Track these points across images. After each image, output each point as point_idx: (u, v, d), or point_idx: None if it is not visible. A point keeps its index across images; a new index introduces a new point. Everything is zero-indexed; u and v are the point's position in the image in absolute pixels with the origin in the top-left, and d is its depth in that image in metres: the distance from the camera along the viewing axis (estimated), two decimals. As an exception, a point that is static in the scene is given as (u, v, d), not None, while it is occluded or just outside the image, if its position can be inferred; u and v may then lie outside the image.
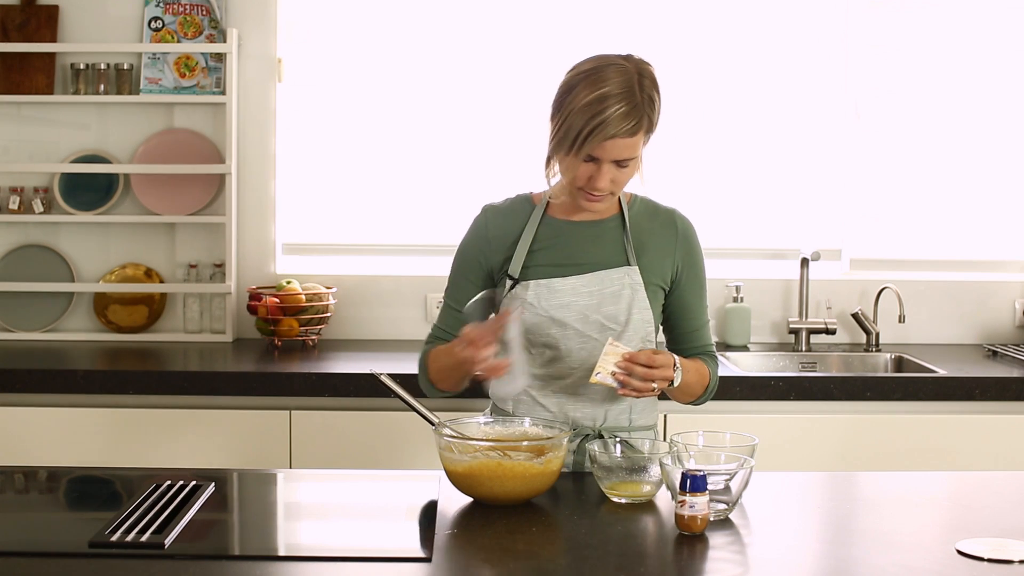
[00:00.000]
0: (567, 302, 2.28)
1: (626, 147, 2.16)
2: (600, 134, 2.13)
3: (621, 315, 2.29)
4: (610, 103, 2.13)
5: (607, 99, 2.13)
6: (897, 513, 2.04)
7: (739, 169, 3.86)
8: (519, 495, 2.01)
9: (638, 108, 2.15)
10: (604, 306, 2.28)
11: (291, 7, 3.80)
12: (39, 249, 3.79)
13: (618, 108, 2.13)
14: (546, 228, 2.33)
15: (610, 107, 2.12)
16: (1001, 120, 3.86)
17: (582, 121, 2.13)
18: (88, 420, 3.16)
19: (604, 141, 2.14)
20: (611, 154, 2.16)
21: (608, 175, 2.19)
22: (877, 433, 3.18)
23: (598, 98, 2.13)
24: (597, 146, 2.15)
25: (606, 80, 2.15)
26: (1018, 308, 3.84)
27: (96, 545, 1.78)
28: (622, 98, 2.14)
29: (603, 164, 2.18)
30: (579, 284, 2.29)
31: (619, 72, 2.16)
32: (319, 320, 3.65)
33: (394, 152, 3.84)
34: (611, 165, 2.18)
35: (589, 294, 2.28)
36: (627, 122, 2.13)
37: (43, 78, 3.73)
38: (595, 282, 2.29)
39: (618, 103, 2.13)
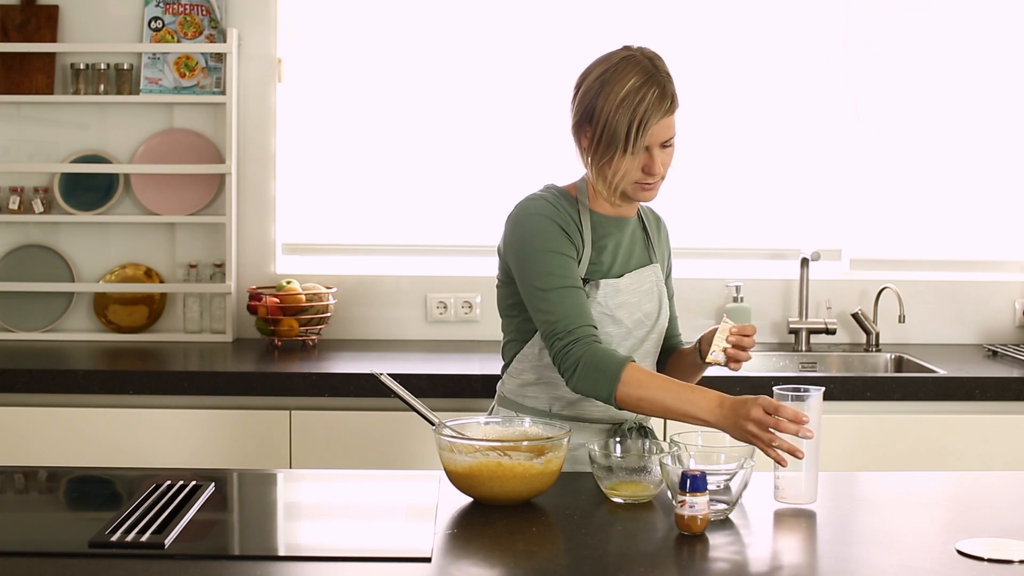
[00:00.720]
0: (624, 301, 2.32)
1: (670, 126, 2.24)
2: (649, 122, 2.19)
3: (654, 313, 2.37)
4: (644, 91, 2.19)
5: (639, 89, 2.19)
6: (897, 513, 2.04)
7: (739, 169, 3.86)
8: (519, 495, 2.01)
9: (666, 86, 2.22)
10: (643, 304, 2.35)
11: (291, 7, 3.80)
12: (39, 249, 3.79)
13: (652, 92, 2.19)
14: (595, 226, 2.34)
15: (646, 95, 2.19)
16: (1001, 120, 3.86)
17: (627, 118, 2.19)
18: (88, 420, 3.16)
19: (650, 126, 2.20)
20: (659, 137, 2.23)
21: (660, 159, 2.25)
22: (877, 433, 3.18)
23: (630, 91, 2.19)
24: (646, 134, 2.20)
25: (627, 73, 2.21)
26: (1018, 308, 3.84)
27: (96, 545, 1.78)
28: (651, 82, 2.20)
29: (653, 150, 2.23)
30: (631, 284, 2.34)
31: (633, 63, 2.23)
32: (319, 320, 3.65)
33: (394, 152, 3.84)
34: (659, 149, 2.24)
35: (633, 292, 2.34)
36: (665, 102, 2.21)
37: (43, 78, 3.73)
38: (638, 281, 2.36)
39: (650, 88, 2.20)
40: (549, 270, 2.21)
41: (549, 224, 2.25)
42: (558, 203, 2.29)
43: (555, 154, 3.65)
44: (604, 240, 2.32)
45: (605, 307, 2.29)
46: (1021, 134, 3.87)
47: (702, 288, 3.79)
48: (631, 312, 2.33)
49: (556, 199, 2.30)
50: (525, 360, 2.35)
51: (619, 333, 2.31)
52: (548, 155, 3.69)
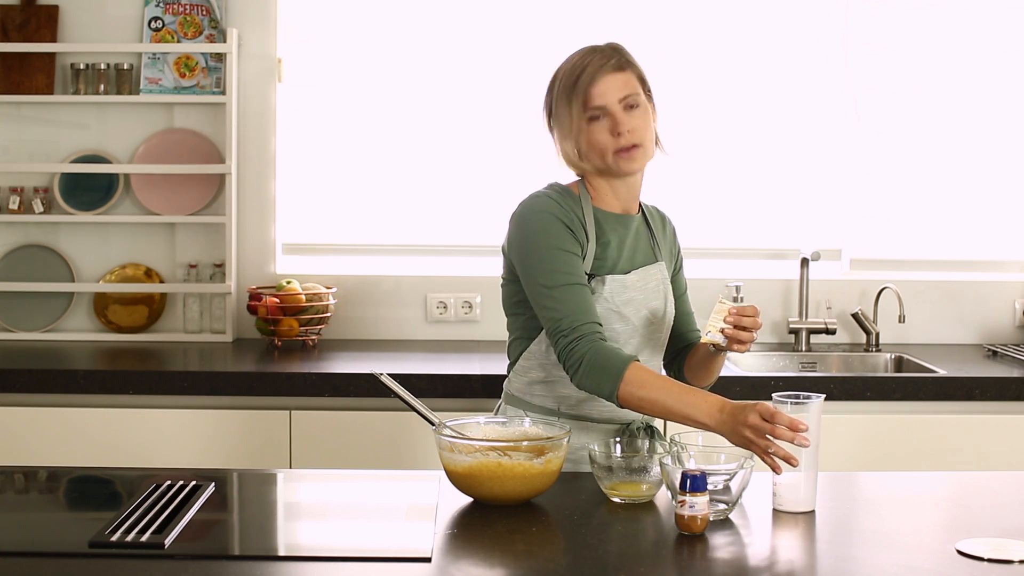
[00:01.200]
0: (631, 297, 2.32)
1: (623, 82, 2.26)
2: (588, 75, 2.24)
3: (661, 310, 2.37)
4: (587, 56, 2.27)
5: (586, 55, 2.28)
6: (897, 513, 2.04)
7: (739, 169, 3.86)
8: (519, 495, 2.01)
9: (618, 53, 2.28)
10: (650, 301, 2.35)
11: (291, 7, 3.80)
12: (39, 249, 3.79)
13: (595, 56, 2.27)
14: (600, 223, 2.34)
15: (588, 57, 2.27)
16: (1001, 120, 3.86)
17: (569, 81, 2.26)
18: (88, 420, 3.16)
19: (596, 82, 2.23)
20: (609, 92, 2.24)
21: (625, 120, 2.25)
22: (877, 433, 3.18)
23: (577, 60, 2.28)
24: (593, 91, 2.23)
25: (582, 50, 2.31)
26: (1018, 308, 3.84)
27: (96, 545, 1.78)
28: (599, 51, 2.29)
29: (612, 109, 2.24)
30: (638, 280, 2.34)
31: (585, 49, 2.31)
32: (319, 320, 3.65)
33: (394, 152, 3.84)
34: (620, 109, 2.25)
35: (640, 289, 2.34)
36: (610, 57, 2.27)
37: (43, 78, 3.73)
38: (644, 278, 2.36)
39: (594, 54, 2.27)
40: (554, 267, 2.21)
41: (553, 221, 2.24)
42: (562, 200, 2.29)
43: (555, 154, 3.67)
44: (608, 236, 2.32)
45: (612, 303, 2.29)
46: (1021, 134, 3.87)
47: (702, 288, 3.78)
48: (638, 309, 2.33)
49: (560, 196, 2.30)
50: (532, 358, 2.35)
51: (626, 330, 2.31)
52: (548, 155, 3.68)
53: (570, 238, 2.24)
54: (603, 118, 2.25)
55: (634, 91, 2.26)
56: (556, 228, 2.24)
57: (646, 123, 2.28)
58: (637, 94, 2.26)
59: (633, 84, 2.27)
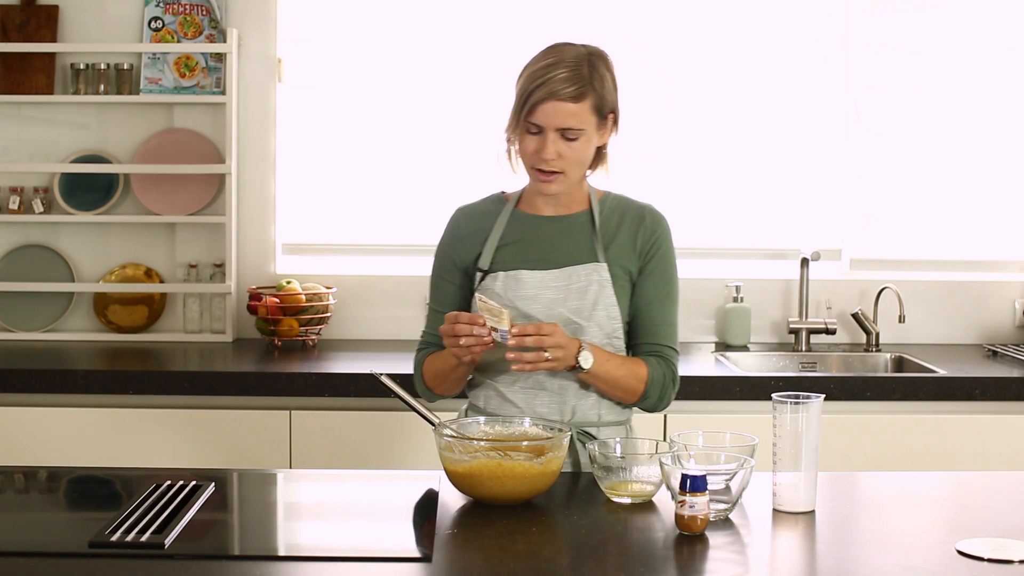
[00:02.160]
0: (533, 294, 2.28)
1: (568, 114, 2.20)
2: (539, 93, 2.20)
3: (586, 310, 2.28)
4: (554, 68, 2.20)
5: (553, 65, 2.21)
6: (897, 513, 2.04)
7: (739, 169, 3.86)
8: (519, 495, 2.01)
9: (582, 77, 2.20)
10: (570, 301, 2.28)
11: (291, 7, 3.80)
12: (39, 249, 3.79)
13: (561, 72, 2.20)
14: (515, 223, 2.35)
15: (553, 71, 2.20)
16: (1001, 120, 3.86)
17: (526, 85, 2.22)
18: (88, 420, 3.16)
19: (544, 102, 2.19)
20: (552, 119, 2.20)
21: (554, 146, 2.22)
22: (877, 433, 3.18)
23: (544, 65, 2.22)
24: (537, 109, 2.20)
25: (557, 53, 2.24)
26: (1018, 308, 3.84)
27: (96, 545, 1.78)
28: (568, 66, 2.21)
29: (548, 133, 2.21)
30: (547, 278, 2.29)
31: (571, 49, 2.25)
32: (319, 320, 3.65)
33: (394, 152, 3.84)
34: (556, 136, 2.22)
35: (556, 288, 2.29)
36: (568, 85, 2.20)
37: (43, 78, 3.73)
38: (563, 277, 2.30)
39: (562, 69, 2.20)
40: (432, 286, 2.43)
41: (440, 252, 2.42)
42: (472, 210, 2.40)
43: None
44: (520, 236, 2.33)
45: (505, 298, 2.28)
46: (1021, 134, 3.87)
47: (702, 288, 3.79)
48: (547, 306, 2.27)
49: (473, 206, 2.41)
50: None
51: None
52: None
53: (450, 265, 2.39)
54: (537, 134, 2.24)
55: (578, 125, 2.21)
56: (443, 255, 2.41)
57: (579, 153, 2.24)
58: (581, 129, 2.22)
59: (582, 117, 2.21)
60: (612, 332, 2.30)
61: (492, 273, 2.31)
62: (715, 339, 3.81)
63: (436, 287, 2.42)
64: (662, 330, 2.33)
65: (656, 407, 2.33)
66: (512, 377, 2.29)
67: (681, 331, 2.50)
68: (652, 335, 2.33)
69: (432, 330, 2.39)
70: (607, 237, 2.33)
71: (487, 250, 2.33)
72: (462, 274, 2.37)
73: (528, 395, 2.29)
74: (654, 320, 2.33)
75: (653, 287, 2.33)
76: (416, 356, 2.42)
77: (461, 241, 2.38)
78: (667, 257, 2.35)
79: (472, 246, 2.36)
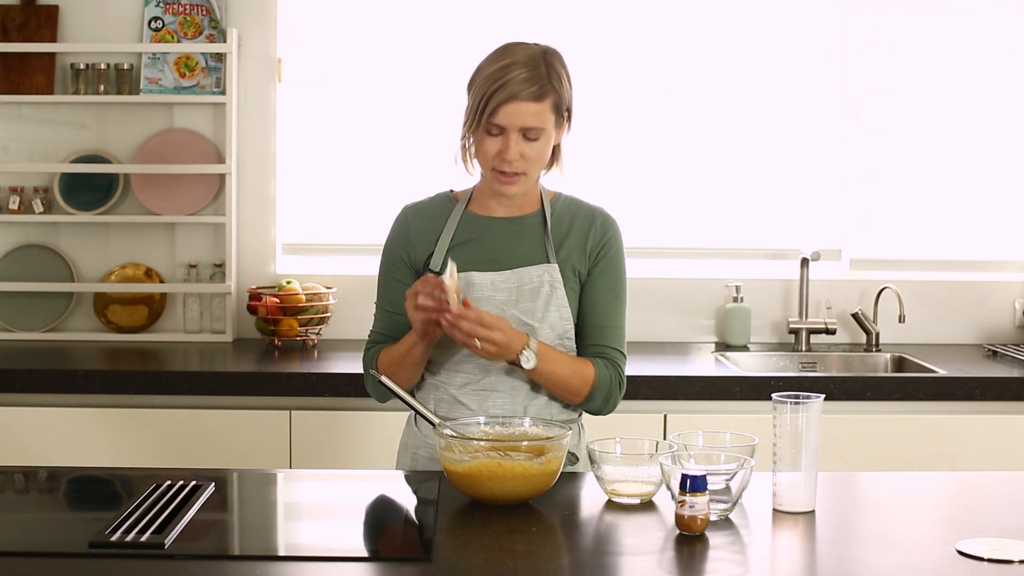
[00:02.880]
0: (485, 296, 2.28)
1: (531, 114, 2.19)
2: (499, 96, 2.18)
3: (538, 311, 2.28)
4: (512, 69, 2.19)
5: (509, 66, 2.20)
6: (897, 513, 2.04)
7: (739, 169, 3.86)
8: (519, 495, 2.01)
9: (541, 76, 2.20)
10: (522, 302, 2.28)
11: (291, 7, 3.80)
12: (39, 249, 3.79)
13: (520, 73, 2.19)
14: (466, 224, 2.34)
15: (512, 72, 2.19)
16: (1001, 120, 3.86)
17: (484, 89, 2.20)
18: (88, 420, 3.16)
19: (506, 103, 2.18)
20: (515, 120, 2.19)
21: (516, 147, 2.21)
22: (877, 433, 3.18)
23: (500, 67, 2.20)
24: (499, 111, 2.19)
25: (512, 54, 2.22)
26: (1018, 308, 3.84)
27: (96, 545, 1.77)
28: (525, 65, 2.20)
29: (510, 134, 2.20)
30: (498, 280, 2.29)
31: (524, 48, 2.24)
32: (319, 320, 3.65)
33: (394, 152, 3.84)
34: (518, 137, 2.21)
35: (508, 290, 2.29)
36: (528, 85, 2.18)
37: (43, 78, 3.73)
38: (514, 279, 2.29)
39: (520, 69, 2.19)
40: (380, 286, 2.42)
41: (389, 250, 2.40)
42: (421, 209, 2.39)
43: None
44: (471, 237, 2.32)
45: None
46: (1021, 134, 3.87)
47: (702, 288, 3.79)
48: (498, 308, 2.27)
49: (422, 205, 2.40)
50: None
51: None
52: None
53: (399, 264, 2.37)
54: (499, 135, 2.22)
55: (540, 124, 2.21)
56: (391, 254, 2.40)
57: (540, 153, 2.24)
58: (542, 128, 2.21)
59: (543, 116, 2.21)
60: (564, 333, 2.30)
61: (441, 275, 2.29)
62: (715, 339, 3.81)
63: (385, 286, 2.39)
64: (608, 332, 2.33)
65: (601, 410, 2.33)
66: (464, 379, 2.29)
67: (681, 331, 2.52)
68: (598, 337, 2.33)
69: (381, 329, 2.39)
70: (558, 238, 2.33)
71: (438, 251, 2.32)
72: (412, 274, 2.36)
73: (480, 397, 2.29)
74: (600, 322, 2.33)
75: (601, 289, 2.33)
76: (366, 355, 2.39)
77: (410, 240, 2.36)
78: (616, 259, 2.35)
79: (423, 246, 2.35)
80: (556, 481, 2.07)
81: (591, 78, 3.79)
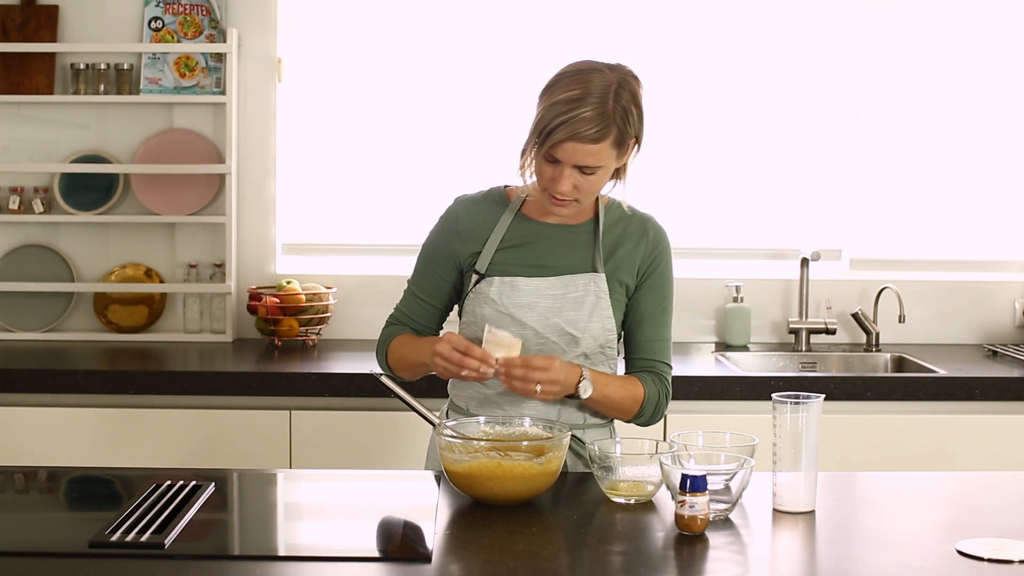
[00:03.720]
0: (530, 302, 2.27)
1: (588, 153, 2.14)
2: (561, 133, 2.12)
3: (582, 321, 2.28)
4: (580, 105, 2.12)
5: (579, 100, 2.13)
6: (897, 513, 2.04)
7: (739, 169, 3.86)
8: (519, 495, 2.01)
9: (607, 116, 2.13)
10: (566, 311, 2.28)
11: (291, 7, 3.80)
12: (39, 249, 3.79)
13: (585, 111, 2.12)
14: (517, 227, 2.32)
15: (578, 108, 2.12)
16: (1001, 120, 3.86)
17: (550, 117, 2.14)
18: (88, 420, 3.16)
19: (564, 142, 2.13)
20: (572, 157, 2.15)
21: (570, 179, 2.17)
22: (877, 433, 3.18)
23: (571, 98, 2.13)
24: (558, 146, 2.14)
25: (586, 83, 2.15)
26: (1018, 308, 3.84)
27: (96, 545, 1.78)
28: (594, 103, 2.13)
29: (564, 167, 2.16)
30: (544, 286, 2.28)
31: (600, 79, 2.16)
32: (319, 320, 3.65)
33: (394, 152, 3.84)
34: (574, 170, 2.17)
35: (553, 297, 2.28)
36: (590, 126, 2.12)
37: (43, 78, 3.73)
38: (560, 286, 2.29)
39: (587, 107, 2.12)
40: (416, 270, 2.42)
41: (434, 242, 2.38)
42: (473, 206, 2.35)
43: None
44: (521, 241, 2.31)
45: (500, 304, 2.27)
46: (1021, 134, 3.87)
47: (702, 288, 3.79)
48: (542, 315, 2.27)
49: (474, 201, 2.36)
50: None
51: (525, 335, 2.26)
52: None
53: (442, 257, 2.36)
54: (555, 163, 2.18)
55: (597, 163, 2.16)
56: (436, 245, 2.39)
57: (595, 185, 2.20)
58: (599, 167, 2.17)
59: (602, 155, 2.16)
60: (606, 343, 2.31)
61: (488, 278, 2.29)
62: (715, 339, 3.81)
63: (423, 275, 2.40)
64: (656, 345, 2.35)
65: (649, 422, 2.35)
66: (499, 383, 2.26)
67: (681, 331, 2.52)
68: (647, 350, 2.34)
69: (406, 311, 2.40)
70: (608, 248, 2.32)
71: (486, 252, 2.31)
72: (454, 270, 2.36)
73: (515, 397, 2.29)
74: (649, 336, 2.34)
75: (650, 303, 2.34)
76: (384, 331, 2.42)
77: (459, 235, 2.34)
78: (665, 273, 2.35)
79: (469, 242, 2.33)
80: (556, 481, 2.07)
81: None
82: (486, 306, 2.28)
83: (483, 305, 2.28)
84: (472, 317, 2.32)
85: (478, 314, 2.29)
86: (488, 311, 2.28)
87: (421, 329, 2.40)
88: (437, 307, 2.40)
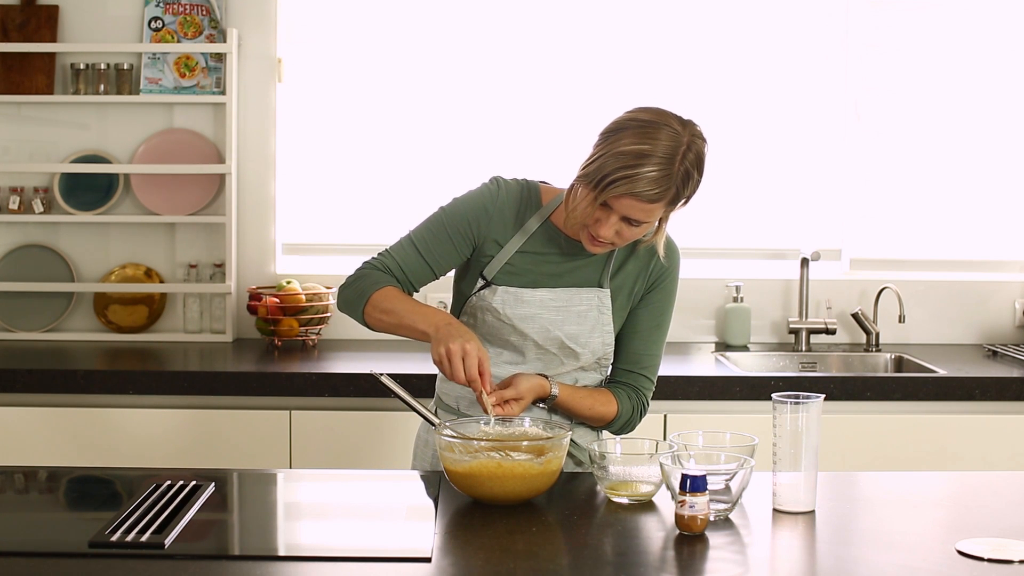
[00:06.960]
0: (532, 313, 2.27)
1: (642, 210, 2.11)
2: (621, 188, 2.07)
3: (583, 336, 2.28)
4: (646, 162, 2.07)
5: (645, 157, 2.07)
6: (897, 513, 2.04)
7: (739, 169, 3.86)
8: (519, 495, 2.01)
9: (670, 178, 2.10)
10: (568, 324, 2.27)
11: (291, 7, 3.80)
12: (39, 249, 3.79)
13: (650, 171, 2.07)
14: (541, 235, 2.29)
15: (644, 166, 2.07)
16: (1001, 120, 3.86)
17: (612, 167, 2.08)
18: (88, 420, 3.16)
19: (623, 196, 2.09)
20: (625, 210, 2.11)
21: (614, 227, 2.14)
22: (877, 433, 3.18)
23: (637, 152, 2.08)
24: (615, 198, 2.10)
25: (654, 138, 2.10)
26: (1018, 308, 3.84)
27: (96, 545, 1.78)
28: (659, 162, 2.08)
29: (613, 215, 2.13)
30: (548, 297, 2.28)
31: (670, 136, 2.11)
32: (319, 320, 3.65)
33: (394, 152, 3.84)
34: (620, 219, 2.14)
35: (556, 309, 2.28)
36: (653, 187, 2.08)
37: (43, 78, 3.73)
38: (564, 298, 2.28)
39: (652, 166, 2.08)
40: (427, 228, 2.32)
41: (462, 210, 2.29)
42: (510, 196, 2.28)
43: (556, 154, 3.67)
44: (535, 249, 2.28)
45: (502, 314, 2.26)
46: (1021, 134, 3.87)
47: (702, 288, 3.79)
48: (544, 328, 2.26)
49: (512, 192, 2.29)
50: None
51: (525, 345, 2.27)
52: (548, 154, 3.69)
53: (464, 229, 2.27)
54: (606, 208, 2.13)
55: (646, 219, 2.13)
56: (462, 214, 2.28)
57: (636, 235, 2.18)
58: (646, 222, 2.15)
59: (654, 213, 2.13)
60: (603, 356, 2.33)
61: (492, 286, 2.28)
62: (715, 339, 3.82)
63: (434, 235, 2.30)
64: (644, 359, 2.35)
65: (619, 433, 2.36)
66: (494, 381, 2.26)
67: (681, 331, 2.52)
68: (634, 363, 2.35)
69: (399, 259, 2.29)
70: (618, 262, 2.32)
71: (500, 257, 2.27)
72: (469, 245, 2.29)
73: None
74: (639, 348, 2.35)
75: (647, 317, 2.34)
76: (368, 271, 2.29)
77: (490, 216, 2.28)
78: (669, 290, 2.35)
79: (497, 228, 2.28)
80: (556, 481, 2.08)
81: (591, 78, 3.79)
82: (488, 313, 2.27)
83: (485, 312, 2.28)
84: (472, 319, 2.31)
85: (479, 318, 2.29)
86: (490, 319, 2.27)
87: (404, 284, 2.30)
88: (433, 272, 2.31)
